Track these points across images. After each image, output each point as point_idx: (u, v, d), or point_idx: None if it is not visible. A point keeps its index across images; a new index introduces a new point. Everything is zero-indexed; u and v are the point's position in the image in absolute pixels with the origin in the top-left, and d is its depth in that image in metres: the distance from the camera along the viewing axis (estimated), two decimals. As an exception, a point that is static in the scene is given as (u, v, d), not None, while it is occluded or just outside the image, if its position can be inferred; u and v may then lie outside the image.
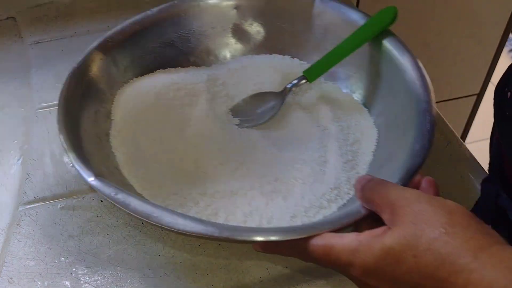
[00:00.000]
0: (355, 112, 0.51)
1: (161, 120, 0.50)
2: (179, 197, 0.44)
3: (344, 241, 0.34)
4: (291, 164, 0.46)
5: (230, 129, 0.50)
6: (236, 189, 0.44)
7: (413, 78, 0.45)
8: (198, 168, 0.47)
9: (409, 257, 0.31)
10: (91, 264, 0.44)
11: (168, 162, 0.47)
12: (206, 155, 0.47)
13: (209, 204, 0.43)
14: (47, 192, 0.50)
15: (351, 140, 0.48)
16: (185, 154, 0.48)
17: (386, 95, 0.49)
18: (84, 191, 0.50)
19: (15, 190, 0.51)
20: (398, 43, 0.48)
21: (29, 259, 0.45)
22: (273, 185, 0.44)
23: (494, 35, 1.07)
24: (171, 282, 0.43)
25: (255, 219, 0.42)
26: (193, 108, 0.51)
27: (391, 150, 0.44)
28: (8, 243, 0.46)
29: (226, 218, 0.42)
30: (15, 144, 0.55)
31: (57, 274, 0.43)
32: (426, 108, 0.43)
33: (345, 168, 0.45)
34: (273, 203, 0.43)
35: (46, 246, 0.46)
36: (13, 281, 0.43)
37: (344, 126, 0.49)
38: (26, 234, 0.46)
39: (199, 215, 0.42)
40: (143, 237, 0.46)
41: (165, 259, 0.44)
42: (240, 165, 0.47)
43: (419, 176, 0.39)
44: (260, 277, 0.43)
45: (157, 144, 0.48)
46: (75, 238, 0.46)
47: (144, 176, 0.45)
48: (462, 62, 1.10)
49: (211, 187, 0.45)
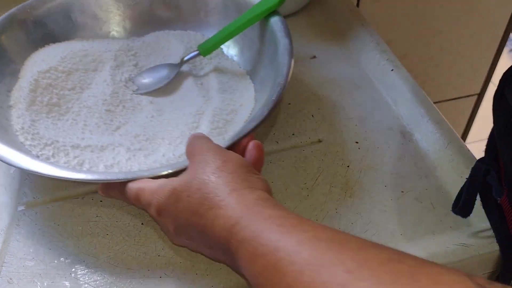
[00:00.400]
0: (242, 85, 0.56)
1: (63, 80, 0.56)
2: (53, 148, 0.49)
3: (152, 184, 0.39)
4: (165, 127, 0.52)
5: (123, 94, 0.56)
6: (106, 145, 0.50)
7: (283, 63, 0.49)
8: (85, 126, 0.53)
9: (184, 196, 0.36)
10: (91, 265, 0.44)
11: (58, 117, 0.53)
12: (94, 115, 0.54)
13: (77, 155, 0.49)
14: (46, 193, 0.50)
15: (229, 110, 0.53)
16: (77, 113, 0.54)
17: (265, 74, 0.54)
18: (84, 191, 0.50)
19: (14, 190, 0.50)
20: (282, 27, 0.53)
21: (29, 260, 0.44)
22: (141, 144, 0.50)
23: (495, 35, 1.07)
24: (171, 283, 0.42)
25: (114, 171, 0.47)
26: (96, 73, 0.58)
27: (253, 120, 0.47)
28: (7, 243, 0.46)
29: (89, 168, 0.48)
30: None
31: (57, 275, 0.43)
32: (280, 81, 0.47)
33: (211, 133, 0.50)
34: (134, 159, 0.49)
35: (45, 246, 0.45)
36: (12, 282, 0.43)
37: (227, 98, 0.54)
38: (26, 235, 0.46)
39: (66, 164, 0.48)
40: (142, 237, 0.46)
41: (165, 259, 0.44)
42: (121, 125, 0.53)
43: (249, 138, 0.43)
44: (260, 278, 0.43)
45: (53, 102, 0.54)
46: (74, 238, 0.46)
47: (30, 127, 0.51)
48: (462, 62, 1.10)
49: (86, 142, 0.51)
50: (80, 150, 0.50)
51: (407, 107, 0.56)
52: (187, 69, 0.59)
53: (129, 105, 0.56)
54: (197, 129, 0.51)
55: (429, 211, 0.47)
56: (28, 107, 0.52)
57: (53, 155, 0.49)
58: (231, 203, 0.34)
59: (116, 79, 0.57)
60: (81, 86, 0.56)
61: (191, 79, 0.58)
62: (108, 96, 0.55)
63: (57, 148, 0.49)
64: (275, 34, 0.53)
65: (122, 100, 0.56)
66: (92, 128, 0.53)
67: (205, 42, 0.57)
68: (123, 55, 0.60)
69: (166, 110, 0.55)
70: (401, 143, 0.53)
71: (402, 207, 0.47)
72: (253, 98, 0.54)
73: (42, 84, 0.54)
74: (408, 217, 0.46)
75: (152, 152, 0.50)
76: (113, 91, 0.56)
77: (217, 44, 0.56)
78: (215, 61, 0.60)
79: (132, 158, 0.49)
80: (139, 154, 0.49)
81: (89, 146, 0.50)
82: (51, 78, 0.55)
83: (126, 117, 0.54)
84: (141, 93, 0.57)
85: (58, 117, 0.53)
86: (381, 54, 0.63)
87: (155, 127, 0.53)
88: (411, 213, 0.47)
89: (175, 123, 0.52)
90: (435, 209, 0.47)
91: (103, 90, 0.56)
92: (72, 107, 0.55)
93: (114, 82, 0.57)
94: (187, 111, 0.53)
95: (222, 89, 0.56)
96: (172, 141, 0.50)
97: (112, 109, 0.55)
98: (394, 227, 0.46)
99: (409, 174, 0.50)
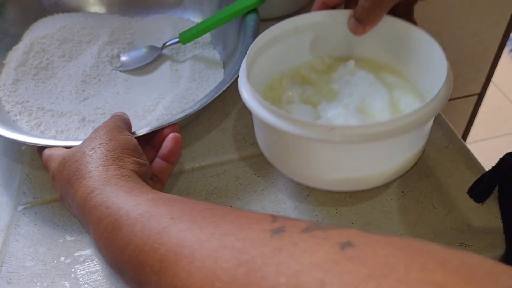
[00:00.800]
0: (214, 77, 0.58)
1: (55, 47, 0.60)
2: (22, 106, 0.54)
3: (57, 152, 0.43)
4: (124, 105, 0.55)
5: (103, 68, 0.60)
6: (66, 112, 0.54)
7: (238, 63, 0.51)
8: (61, 92, 0.57)
9: (67, 165, 0.39)
10: (91, 265, 0.44)
11: (43, 80, 0.58)
12: (71, 84, 0.58)
13: (38, 117, 0.54)
14: (46, 193, 0.50)
15: (189, 100, 0.54)
16: (59, 79, 0.58)
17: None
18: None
19: (14, 190, 0.50)
20: (254, 26, 0.56)
21: (28, 260, 0.44)
22: (97, 116, 0.54)
23: (495, 35, 1.07)
24: (171, 283, 0.42)
25: (62, 137, 0.52)
26: (89, 46, 0.62)
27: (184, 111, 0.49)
28: (7, 243, 0.46)
29: (42, 131, 0.52)
30: (14, 144, 0.55)
31: (56, 275, 0.43)
32: (226, 79, 0.50)
33: (162, 118, 0.52)
34: (83, 129, 0.52)
35: (45, 246, 0.45)
36: (12, 282, 0.43)
37: (193, 87, 0.56)
38: (25, 235, 0.46)
39: (27, 124, 0.53)
40: (142, 237, 0.46)
41: (165, 259, 0.44)
42: (90, 96, 0.57)
43: (171, 129, 0.46)
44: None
45: (42, 65, 0.59)
46: (74, 238, 0.46)
47: (11, 84, 0.56)
48: (463, 62, 1.09)
49: (51, 107, 0.55)
50: (43, 113, 0.54)
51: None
52: (170, 54, 0.62)
53: (105, 79, 0.59)
54: (152, 112, 0.53)
55: (429, 211, 0.47)
56: (17, 67, 0.58)
57: (20, 113, 0.54)
58: (94, 175, 0.37)
59: (103, 54, 0.61)
60: (70, 55, 0.61)
61: (169, 63, 0.60)
62: (88, 68, 0.59)
63: (25, 108, 0.54)
64: (246, 32, 0.55)
65: (100, 74, 0.59)
66: (64, 95, 0.57)
67: (186, 31, 0.59)
68: (120, 32, 0.64)
69: (134, 89, 0.58)
70: (401, 143, 0.53)
71: (402, 207, 0.47)
72: None
73: (36, 48, 0.59)
74: (408, 217, 0.46)
75: None
76: (94, 64, 0.60)
77: (195, 35, 0.58)
78: (198, 50, 0.62)
79: (81, 128, 0.53)
80: (89, 125, 0.53)
81: (51, 111, 0.54)
82: (46, 44, 0.60)
83: (97, 90, 0.58)
84: (121, 70, 0.60)
85: (43, 80, 0.58)
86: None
87: (116, 104, 0.56)
88: (411, 213, 0.46)
89: (134, 103, 0.55)
90: (435, 209, 0.47)
91: (86, 62, 0.60)
92: (57, 73, 0.59)
93: (99, 56, 0.60)
94: (152, 93, 0.56)
95: (192, 78, 0.58)
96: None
97: (87, 81, 0.58)
98: (394, 227, 0.45)
99: (409, 174, 0.50)
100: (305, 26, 0.49)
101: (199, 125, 0.56)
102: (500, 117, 1.70)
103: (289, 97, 0.48)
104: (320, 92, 0.49)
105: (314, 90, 0.49)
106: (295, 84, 0.50)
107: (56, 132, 0.52)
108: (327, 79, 0.50)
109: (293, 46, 0.50)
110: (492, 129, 1.65)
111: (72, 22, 0.63)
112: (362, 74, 0.48)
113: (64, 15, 0.65)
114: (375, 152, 0.40)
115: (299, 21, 0.49)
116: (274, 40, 0.48)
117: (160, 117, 0.52)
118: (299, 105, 0.47)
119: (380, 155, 0.41)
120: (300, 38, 0.50)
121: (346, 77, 0.49)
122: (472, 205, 0.47)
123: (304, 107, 0.47)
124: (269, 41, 0.48)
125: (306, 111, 0.46)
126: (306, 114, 0.46)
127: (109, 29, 0.63)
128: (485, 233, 0.45)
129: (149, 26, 0.65)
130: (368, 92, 0.46)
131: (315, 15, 0.49)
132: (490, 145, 1.61)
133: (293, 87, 0.49)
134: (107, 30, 0.63)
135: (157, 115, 0.53)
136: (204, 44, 0.63)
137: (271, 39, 0.48)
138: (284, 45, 0.49)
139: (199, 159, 0.52)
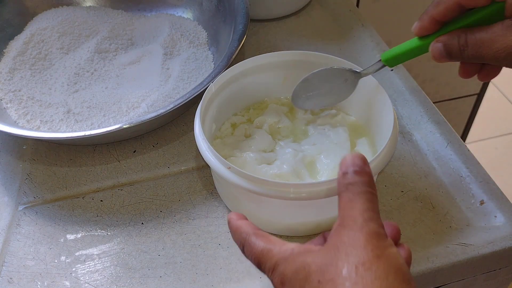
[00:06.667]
0: (202, 78, 0.57)
1: (55, 39, 0.61)
2: (14, 95, 0.55)
3: (282, 248, 0.34)
4: (109, 100, 0.55)
5: (97, 62, 0.60)
6: (53, 103, 0.55)
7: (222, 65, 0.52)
8: (54, 83, 0.58)
9: (315, 280, 0.31)
10: (91, 264, 0.44)
11: (40, 70, 0.59)
12: (65, 76, 0.58)
13: (27, 106, 0.55)
14: (47, 192, 0.50)
15: (174, 99, 0.53)
16: (55, 70, 0.59)
17: None
18: (84, 191, 0.50)
19: (15, 190, 0.51)
20: (243, 28, 0.56)
21: (29, 259, 0.45)
22: (82, 109, 0.54)
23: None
24: (171, 282, 0.43)
25: (45, 128, 0.53)
26: (87, 40, 0.63)
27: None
28: (8, 243, 0.46)
29: (28, 120, 0.53)
30: (15, 144, 0.55)
31: (57, 274, 0.43)
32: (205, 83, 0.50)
33: (147, 110, 0.53)
34: (66, 121, 0.53)
35: (46, 246, 0.46)
36: (12, 281, 0.43)
37: (180, 86, 0.56)
38: (26, 234, 0.46)
39: (15, 112, 0.54)
40: (143, 237, 0.46)
41: (165, 259, 0.44)
42: (80, 89, 0.57)
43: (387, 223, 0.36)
44: (260, 277, 0.43)
45: (40, 56, 0.60)
46: (75, 238, 0.46)
47: (7, 73, 0.57)
48: (462, 62, 1.09)
49: (41, 97, 0.56)
50: (32, 102, 0.55)
51: (406, 107, 0.57)
52: (164, 51, 0.61)
53: (98, 73, 0.59)
54: (136, 109, 0.54)
55: (429, 211, 0.47)
56: (16, 56, 0.59)
57: (11, 101, 0.55)
58: None
59: (100, 48, 0.61)
60: (68, 48, 0.62)
61: (161, 61, 0.60)
62: (82, 61, 0.60)
63: (16, 96, 0.55)
64: (233, 36, 0.56)
65: (94, 68, 0.60)
66: (57, 87, 0.57)
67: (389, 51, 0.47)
68: (121, 28, 0.64)
69: (124, 85, 0.58)
70: (401, 143, 0.53)
71: (402, 207, 0.47)
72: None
73: (36, 39, 0.61)
74: (408, 217, 0.46)
75: (84, 119, 0.54)
76: (89, 58, 0.60)
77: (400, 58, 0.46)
78: (193, 50, 0.61)
79: (64, 119, 0.53)
80: (72, 118, 0.54)
81: (40, 101, 0.55)
82: (46, 35, 0.61)
83: (88, 84, 0.58)
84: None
85: (39, 70, 0.59)
86: (381, 54, 0.63)
87: (102, 98, 0.56)
88: (411, 213, 0.47)
89: (118, 98, 0.55)
90: (435, 209, 0.47)
91: (81, 55, 0.60)
92: (54, 64, 0.60)
93: (96, 51, 0.61)
94: (138, 91, 0.56)
95: (181, 78, 0.57)
96: (107, 114, 0.54)
97: (81, 74, 0.59)
98: (394, 227, 0.46)
99: (409, 174, 0.50)
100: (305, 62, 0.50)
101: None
102: (499, 117, 1.70)
103: (261, 121, 0.50)
104: (294, 128, 0.50)
105: (290, 124, 0.50)
106: (278, 112, 0.51)
107: (41, 122, 0.53)
108: (309, 119, 0.50)
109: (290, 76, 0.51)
110: (491, 129, 1.65)
111: (74, 16, 0.64)
112: (339, 131, 0.48)
113: (68, 8, 0.66)
114: (298, 207, 0.43)
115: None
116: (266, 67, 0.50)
117: (142, 114, 0.52)
118: (262, 132, 0.49)
119: (305, 211, 0.43)
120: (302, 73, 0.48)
121: (327, 126, 0.49)
122: (472, 205, 0.47)
123: (265, 137, 0.48)
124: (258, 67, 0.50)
125: (263, 141, 0.48)
126: (261, 144, 0.47)
127: (110, 24, 0.64)
128: (485, 232, 0.45)
129: (149, 23, 0.66)
130: (330, 149, 0.46)
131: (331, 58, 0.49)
132: (489, 145, 1.61)
133: (273, 114, 0.50)
134: (108, 25, 0.64)
135: (139, 112, 0.53)
136: (200, 44, 0.63)
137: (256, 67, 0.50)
138: (280, 73, 0.51)
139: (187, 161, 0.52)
